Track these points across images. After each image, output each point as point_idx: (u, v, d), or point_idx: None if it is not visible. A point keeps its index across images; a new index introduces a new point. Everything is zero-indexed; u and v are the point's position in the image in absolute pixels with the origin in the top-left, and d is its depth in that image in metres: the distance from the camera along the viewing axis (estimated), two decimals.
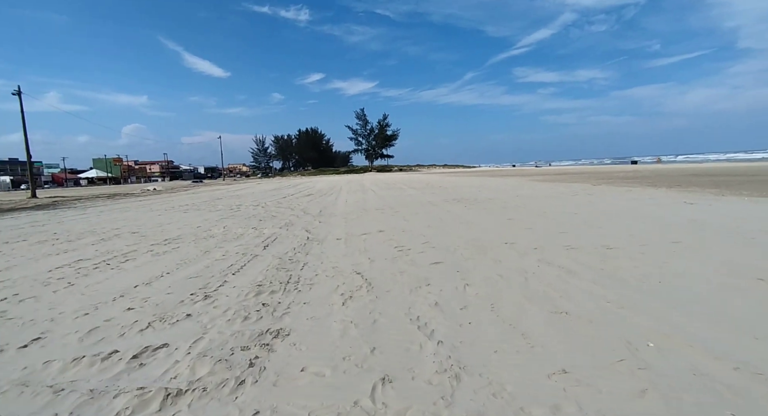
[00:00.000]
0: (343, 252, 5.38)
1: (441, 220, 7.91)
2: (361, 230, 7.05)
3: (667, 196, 10.62)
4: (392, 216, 8.81)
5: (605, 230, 6.11)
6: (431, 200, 12.11)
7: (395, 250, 5.37)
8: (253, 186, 33.51)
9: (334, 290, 3.74)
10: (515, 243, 5.41)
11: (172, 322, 2.94)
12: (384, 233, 6.73)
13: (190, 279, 4.12)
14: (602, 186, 15.77)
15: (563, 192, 13.30)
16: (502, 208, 9.47)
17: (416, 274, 4.16)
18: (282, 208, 11.70)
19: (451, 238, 6.00)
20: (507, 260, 4.54)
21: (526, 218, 7.60)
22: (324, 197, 15.64)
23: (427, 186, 20.72)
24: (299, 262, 4.88)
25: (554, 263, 4.31)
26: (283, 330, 2.83)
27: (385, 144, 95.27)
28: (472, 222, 7.47)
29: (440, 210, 9.55)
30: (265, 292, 3.67)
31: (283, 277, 4.19)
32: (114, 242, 6.61)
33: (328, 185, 28.81)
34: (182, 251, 5.63)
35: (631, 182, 17.04)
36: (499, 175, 36.90)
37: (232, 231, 7.37)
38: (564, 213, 8.11)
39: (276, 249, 5.65)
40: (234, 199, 16.89)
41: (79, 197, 24.91)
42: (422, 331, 2.76)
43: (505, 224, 7.12)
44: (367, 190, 19.56)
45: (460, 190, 16.65)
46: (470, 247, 5.32)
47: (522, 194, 13.28)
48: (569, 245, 5.15)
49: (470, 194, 13.87)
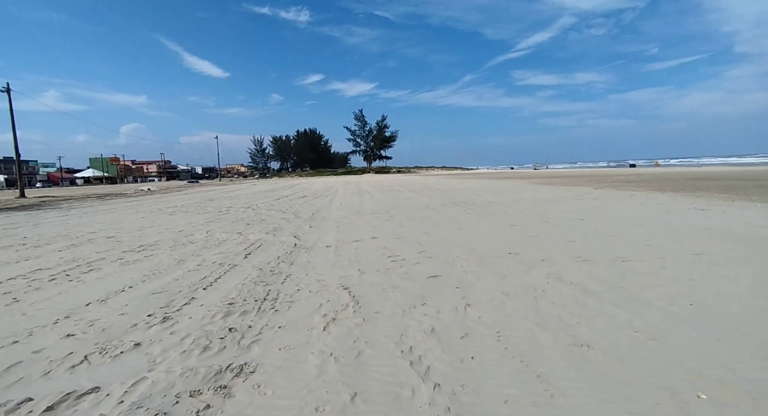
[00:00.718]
0: (332, 262, 4.90)
1: (439, 226, 7.44)
2: (353, 237, 6.57)
3: (675, 201, 10.18)
4: (387, 221, 8.33)
5: (616, 238, 5.65)
6: (429, 204, 11.64)
7: (388, 260, 4.89)
8: (249, 187, 32.96)
9: (316, 310, 3.25)
10: (520, 254, 4.94)
11: (115, 354, 2.44)
12: (377, 240, 6.24)
13: (153, 295, 3.62)
14: (605, 190, 15.33)
15: (566, 196, 12.85)
16: (504, 213, 9.01)
17: (410, 290, 3.68)
18: (273, 211, 11.20)
19: (449, 247, 5.52)
20: (512, 274, 4.07)
21: (530, 225, 7.13)
22: (318, 200, 15.15)
23: (425, 189, 20.26)
24: (281, 274, 4.39)
25: (566, 278, 3.83)
26: (247, 366, 2.34)
27: (383, 145, 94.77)
28: (472, 228, 7.00)
29: (438, 215, 9.07)
30: (235, 313, 3.18)
31: (260, 293, 3.69)
32: (84, 248, 6.10)
33: (324, 186, 28.31)
34: (154, 259, 5.13)
35: (634, 186, 16.62)
36: (498, 177, 36.48)
37: (214, 237, 6.87)
38: (569, 219, 7.64)
39: (258, 258, 5.16)
40: (226, 200, 16.37)
41: (70, 196, 24.32)
42: (416, 368, 2.28)
43: (508, 231, 6.64)
44: (364, 192, 19.07)
45: (458, 193, 16.19)
46: (470, 258, 4.84)
47: (523, 197, 12.83)
48: (580, 256, 4.68)
49: (469, 198, 13.40)
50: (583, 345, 2.43)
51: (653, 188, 15.06)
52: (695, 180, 19.72)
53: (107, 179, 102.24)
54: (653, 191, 13.64)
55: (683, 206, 8.97)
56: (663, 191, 13.46)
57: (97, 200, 20.06)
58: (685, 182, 18.04)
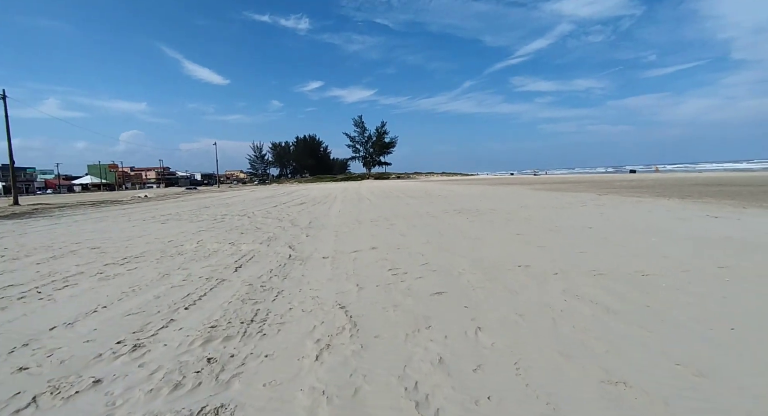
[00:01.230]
0: (328, 276, 4.55)
1: (441, 235, 7.10)
2: (351, 247, 6.22)
3: (684, 208, 9.87)
4: (388, 230, 7.99)
5: (630, 249, 5.31)
6: (430, 211, 11.31)
7: (389, 273, 4.54)
8: (247, 194, 32.64)
9: (309, 334, 2.90)
10: (530, 266, 4.59)
11: (68, 395, 2.09)
12: (377, 250, 5.90)
13: (128, 317, 3.26)
14: (609, 196, 15.03)
15: (570, 202, 12.54)
16: (508, 221, 8.67)
17: (413, 309, 3.33)
18: (269, 219, 10.86)
19: (454, 258, 5.18)
20: (525, 290, 3.72)
21: (537, 234, 6.80)
22: (316, 207, 14.81)
23: (425, 195, 19.94)
24: (273, 290, 4.04)
25: (584, 295, 3.49)
26: (224, 409, 1.98)
27: (382, 151, 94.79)
28: (476, 238, 6.66)
29: (440, 223, 8.73)
30: (217, 338, 2.82)
31: (248, 313, 3.34)
32: (65, 260, 5.74)
33: (323, 193, 28.00)
34: (137, 273, 4.77)
35: (639, 192, 16.33)
36: (499, 183, 36.21)
37: (205, 247, 6.52)
38: (577, 227, 7.31)
39: (249, 271, 4.81)
40: (222, 207, 16.03)
41: (64, 204, 23.95)
42: (423, 412, 1.93)
43: (514, 240, 6.31)
44: (363, 199, 18.75)
45: (460, 199, 15.88)
46: (477, 271, 4.49)
47: (527, 204, 12.51)
48: (595, 269, 4.33)
49: (471, 205, 13.08)
50: (618, 382, 2.08)
51: (658, 194, 14.76)
52: (699, 186, 19.45)
53: (105, 186, 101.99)
54: (659, 198, 13.34)
55: (694, 213, 8.65)
56: (669, 198, 13.16)
57: (90, 207, 19.70)
58: (690, 188, 17.76)
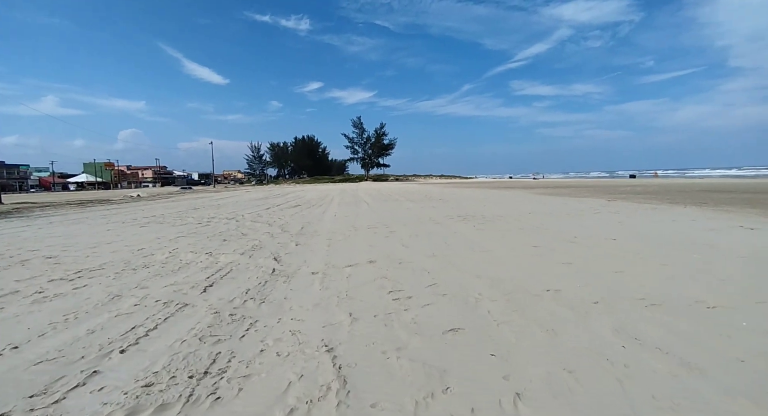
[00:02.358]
0: (316, 299, 3.74)
1: (447, 245, 6.29)
2: (345, 260, 5.41)
3: (708, 216, 9.11)
4: (387, 238, 7.17)
5: (674, 269, 4.52)
6: (432, 217, 10.50)
7: (390, 297, 3.73)
8: (241, 194, 31.75)
9: (280, 398, 2.09)
10: (561, 291, 3.79)
11: None
12: (375, 265, 5.08)
13: (38, 366, 2.43)
14: (618, 202, 14.28)
15: (581, 209, 11.76)
16: (519, 229, 7.88)
17: (423, 356, 2.52)
18: (259, 223, 10.02)
19: (466, 277, 4.37)
20: (565, 328, 2.91)
21: (557, 246, 6.00)
22: (311, 210, 13.98)
23: (425, 198, 19.14)
24: (244, 320, 3.21)
25: (645, 339, 2.68)
26: None
27: (381, 153, 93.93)
28: (488, 250, 5.85)
29: (445, 230, 7.92)
30: (146, 410, 2.00)
31: (203, 359, 2.52)
32: (7, 273, 4.88)
33: (320, 194, 27.15)
34: (83, 294, 3.93)
35: (648, 198, 15.58)
36: (499, 187, 35.48)
37: (178, 258, 5.68)
38: (599, 239, 6.52)
39: (221, 292, 3.98)
40: (211, 209, 15.17)
41: (49, 203, 23.00)
42: None
43: (532, 254, 5.51)
44: (361, 201, 17.93)
45: (462, 203, 15.08)
46: (497, 296, 3.68)
47: (535, 210, 11.72)
48: (644, 297, 3.53)
49: (476, 210, 12.28)
50: None
51: (670, 201, 14.02)
52: (708, 192, 18.75)
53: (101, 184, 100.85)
54: (673, 205, 12.59)
55: (723, 224, 7.88)
56: (685, 205, 12.41)
57: (75, 207, 18.78)
58: (701, 195, 17.04)
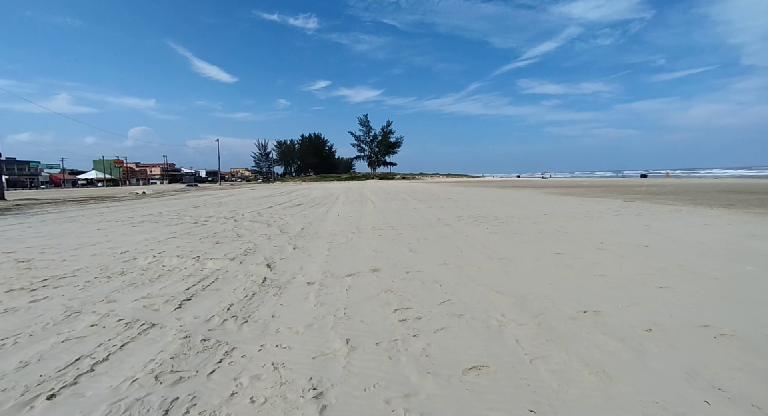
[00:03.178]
0: (308, 319, 3.16)
1: (460, 251, 5.67)
2: (346, 267, 4.83)
3: (742, 220, 8.35)
4: (393, 242, 6.58)
5: (730, 284, 3.85)
6: (441, 217, 9.87)
7: (395, 318, 3.14)
8: (245, 192, 31.37)
9: None
10: (601, 312, 3.16)
11: None
12: (379, 274, 4.49)
13: None
14: (637, 202, 13.51)
15: (599, 210, 11.03)
16: (538, 233, 7.22)
17: (441, 409, 1.92)
18: (257, 223, 9.49)
19: (483, 292, 3.76)
20: (619, 369, 2.29)
21: (584, 254, 5.35)
22: (314, 209, 13.43)
23: (433, 197, 18.48)
24: (218, 348, 2.65)
25: (732, 390, 2.05)
26: None
27: (388, 151, 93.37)
28: (506, 258, 5.22)
29: (455, 233, 7.30)
30: None
31: (152, 412, 1.95)
32: None
33: (325, 192, 26.63)
34: (37, 309, 3.39)
35: (667, 199, 14.76)
36: (508, 186, 34.64)
37: (161, 263, 5.15)
38: (629, 245, 5.85)
39: (199, 308, 3.42)
40: (212, 208, 14.70)
41: (54, 199, 22.79)
42: None
43: (558, 263, 4.87)
44: (366, 200, 17.34)
45: (472, 203, 14.41)
46: (525, 318, 3.07)
47: (550, 211, 11.02)
48: (707, 324, 2.89)
49: (486, 210, 11.62)
50: None
51: (693, 202, 13.21)
52: (730, 193, 17.82)
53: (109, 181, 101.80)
54: (697, 206, 11.80)
55: (765, 228, 7.14)
56: (711, 207, 11.61)
57: (76, 204, 18.47)
58: (724, 196, 16.15)
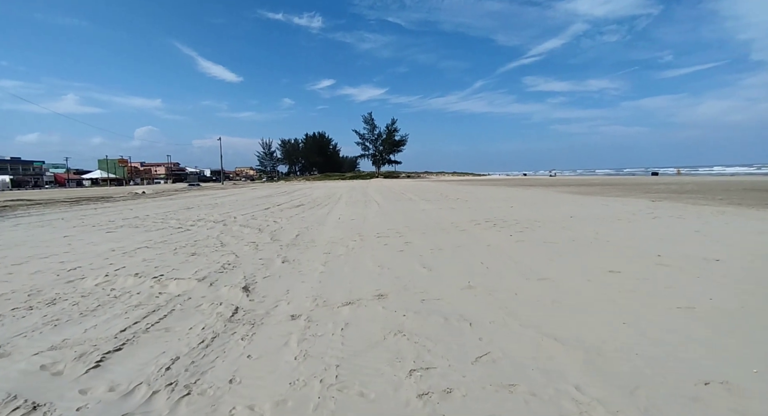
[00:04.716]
0: (281, 387, 2.11)
1: (487, 269, 4.59)
2: (343, 291, 3.77)
3: None
4: (401, 253, 5.51)
5: None
6: (455, 221, 8.77)
7: (411, 388, 2.08)
8: (246, 192, 30.45)
9: None
10: (730, 383, 2.08)
11: None
12: (386, 302, 3.43)
13: None
14: (666, 203, 12.32)
15: (630, 212, 9.88)
16: (570, 241, 6.12)
17: None
18: (248, 228, 8.47)
19: (535, 338, 2.68)
20: None
21: (643, 271, 4.24)
22: (314, 210, 12.40)
23: (442, 197, 17.36)
24: None
25: None
26: None
27: (392, 150, 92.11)
28: (546, 277, 4.13)
29: (474, 242, 6.21)
30: None
31: None
32: None
33: (328, 192, 25.61)
34: None
35: (697, 198, 13.51)
36: (517, 184, 33.38)
37: (112, 285, 4.12)
38: (693, 258, 4.73)
39: (124, 368, 2.38)
40: (206, 209, 13.73)
41: (46, 200, 22.00)
42: None
43: (616, 287, 3.77)
44: (370, 201, 16.28)
45: (485, 204, 13.29)
46: (613, 394, 1.99)
47: (575, 213, 9.88)
48: None
49: (503, 212, 10.50)
50: None
51: (729, 202, 11.98)
52: (755, 191, 16.50)
53: (114, 180, 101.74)
54: (738, 207, 10.59)
55: None
56: (752, 207, 10.41)
57: (65, 205, 17.61)
58: (754, 195, 14.86)
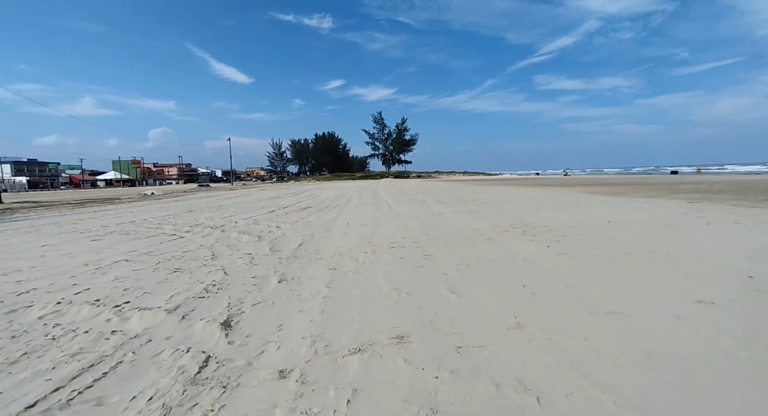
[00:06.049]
0: None
1: (532, 294, 3.63)
2: (351, 329, 2.87)
3: None
4: (421, 270, 4.59)
5: None
6: (478, 227, 7.79)
7: None
8: (254, 193, 29.85)
9: None
10: None
11: None
12: (408, 350, 2.51)
13: None
14: (705, 204, 11.12)
15: (675, 215, 8.76)
16: (623, 254, 5.10)
17: None
18: (247, 234, 7.64)
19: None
20: None
21: (741, 302, 3.24)
22: (322, 214, 11.55)
23: (457, 199, 16.34)
24: None
25: None
26: None
27: (402, 149, 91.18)
28: (615, 311, 3.16)
29: (506, 254, 5.24)
30: None
31: None
32: None
33: (337, 193, 24.79)
34: None
35: (738, 199, 12.24)
36: (532, 184, 32.09)
37: (58, 318, 3.29)
38: None
39: None
40: (207, 212, 13.00)
41: (52, 202, 21.68)
42: None
43: (719, 328, 2.79)
44: (381, 202, 15.37)
45: (506, 206, 12.24)
46: None
47: (613, 218, 8.79)
48: None
49: (529, 216, 9.47)
50: None
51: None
52: None
53: (127, 181, 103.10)
54: None
55: None
56: None
57: (67, 208, 17.14)
58: None
